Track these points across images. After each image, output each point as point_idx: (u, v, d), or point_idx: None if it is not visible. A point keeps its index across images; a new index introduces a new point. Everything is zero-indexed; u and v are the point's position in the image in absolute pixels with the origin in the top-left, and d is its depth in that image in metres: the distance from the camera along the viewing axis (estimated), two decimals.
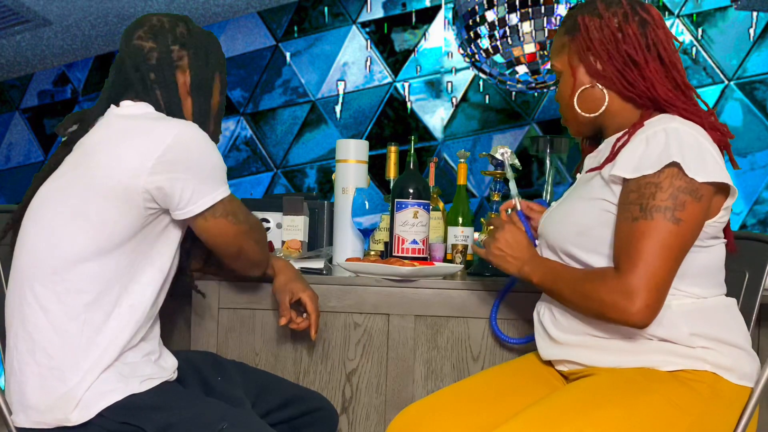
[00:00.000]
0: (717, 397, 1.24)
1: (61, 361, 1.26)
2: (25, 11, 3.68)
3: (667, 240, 1.20)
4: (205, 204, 1.34)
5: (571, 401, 1.24)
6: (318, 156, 3.97)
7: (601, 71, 1.36)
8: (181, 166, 1.30)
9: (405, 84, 3.87)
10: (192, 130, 1.34)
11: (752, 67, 3.44)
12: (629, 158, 1.27)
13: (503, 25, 2.38)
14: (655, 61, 1.33)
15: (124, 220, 1.29)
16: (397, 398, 1.76)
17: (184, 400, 1.33)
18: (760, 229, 3.37)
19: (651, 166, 1.23)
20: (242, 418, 1.33)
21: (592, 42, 1.35)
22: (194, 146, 1.32)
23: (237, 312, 1.77)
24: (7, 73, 4.46)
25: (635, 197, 1.23)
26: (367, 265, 1.74)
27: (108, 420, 1.26)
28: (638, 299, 1.19)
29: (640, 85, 1.33)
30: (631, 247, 1.21)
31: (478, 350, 1.77)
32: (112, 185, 1.28)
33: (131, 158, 1.28)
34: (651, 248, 1.20)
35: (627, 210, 1.24)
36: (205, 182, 1.34)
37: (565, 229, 1.36)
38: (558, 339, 1.38)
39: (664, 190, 1.21)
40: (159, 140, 1.28)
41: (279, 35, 4.05)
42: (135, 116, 1.38)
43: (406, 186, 1.88)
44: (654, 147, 1.25)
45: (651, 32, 1.33)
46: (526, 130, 3.72)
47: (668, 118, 1.31)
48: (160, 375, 1.34)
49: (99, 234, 1.28)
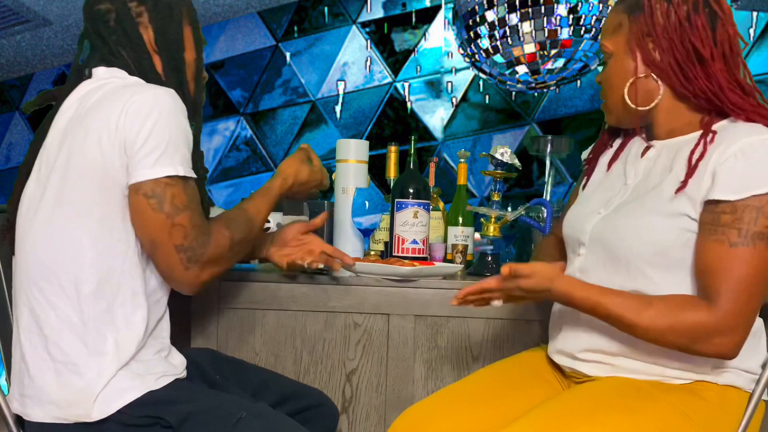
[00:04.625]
0: (725, 406, 1.23)
1: (75, 355, 1.26)
2: (25, 11, 3.68)
3: (765, 269, 1.12)
4: (137, 176, 1.24)
5: (576, 406, 1.22)
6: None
7: (657, 61, 1.24)
8: (141, 133, 1.23)
9: (405, 84, 3.87)
10: (155, 96, 1.26)
11: (752, 67, 3.44)
12: (728, 177, 1.15)
13: (503, 25, 2.38)
14: (720, 59, 1.22)
15: (104, 201, 1.26)
16: (397, 398, 1.76)
17: (201, 393, 1.34)
18: None
19: (761, 185, 1.12)
20: (259, 409, 1.33)
21: (654, 27, 1.23)
22: (153, 114, 1.24)
23: (237, 312, 1.77)
24: (7, 73, 4.46)
25: (730, 220, 1.13)
26: (367, 265, 1.74)
27: (127, 415, 1.26)
28: (734, 336, 1.13)
29: (700, 83, 1.22)
30: (729, 275, 1.12)
31: (478, 350, 1.77)
32: (87, 165, 1.25)
33: (100, 134, 1.24)
34: (751, 279, 1.12)
35: (720, 233, 1.14)
36: (148, 155, 1.24)
37: (641, 248, 1.23)
38: (572, 353, 1.34)
39: (766, 214, 1.12)
40: (121, 111, 1.24)
41: (279, 35, 4.05)
42: (103, 87, 1.33)
43: (406, 186, 1.88)
44: (758, 163, 1.14)
45: (720, 28, 1.22)
46: (526, 130, 3.72)
47: (755, 128, 1.19)
48: (173, 372, 1.35)
49: (86, 219, 1.26)
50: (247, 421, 1.28)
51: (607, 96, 1.36)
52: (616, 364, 1.28)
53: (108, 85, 1.33)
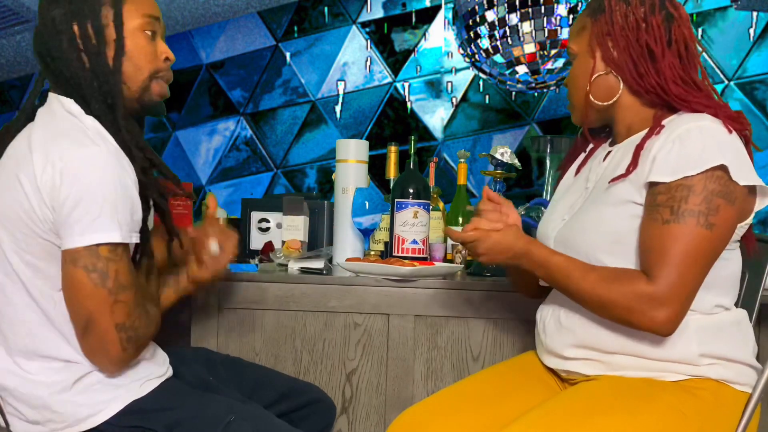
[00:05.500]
0: (720, 404, 1.23)
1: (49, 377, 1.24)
2: (25, 11, 3.68)
3: (699, 246, 1.17)
4: (71, 243, 1.16)
5: (573, 407, 1.23)
6: (318, 156, 3.97)
7: (615, 58, 1.31)
8: (71, 195, 1.15)
9: (405, 84, 3.87)
10: (89, 155, 1.17)
11: (752, 67, 3.44)
12: (665, 161, 1.21)
13: (503, 25, 2.38)
14: (674, 57, 1.29)
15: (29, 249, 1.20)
16: (397, 398, 1.76)
17: (188, 397, 1.33)
18: (760, 229, 3.37)
19: (693, 167, 1.18)
20: (249, 411, 1.32)
21: (613, 26, 1.31)
22: (87, 174, 1.16)
23: (237, 312, 1.77)
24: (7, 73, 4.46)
25: (664, 199, 1.19)
26: (367, 265, 1.74)
27: (113, 426, 1.25)
28: (668, 309, 1.17)
29: (650, 79, 1.29)
30: (663, 251, 1.17)
31: (478, 350, 1.77)
32: (13, 217, 1.20)
33: (26, 188, 1.18)
34: (683, 254, 1.16)
35: (656, 212, 1.20)
36: (81, 219, 1.15)
37: (599, 239, 1.29)
38: (560, 353, 1.35)
39: (698, 193, 1.17)
40: (52, 171, 1.16)
41: (279, 35, 4.05)
42: (48, 125, 1.25)
43: (406, 186, 1.88)
44: (691, 147, 1.20)
45: (676, 28, 1.29)
46: (526, 130, 3.72)
47: (695, 116, 1.25)
48: (157, 373, 1.34)
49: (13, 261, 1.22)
50: (237, 424, 1.27)
51: (572, 95, 1.43)
52: (605, 360, 1.29)
53: (50, 128, 1.24)
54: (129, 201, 1.20)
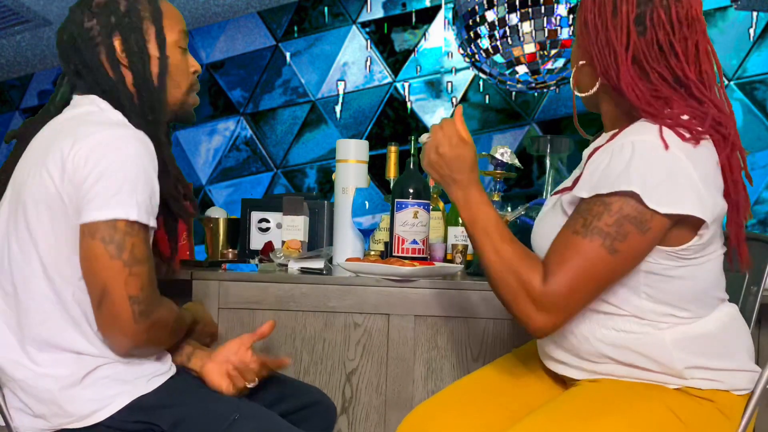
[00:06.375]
0: (718, 408, 1.22)
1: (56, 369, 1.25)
2: (25, 11, 3.68)
3: (596, 267, 1.13)
4: (89, 216, 1.19)
5: (572, 409, 1.22)
6: (318, 156, 3.97)
7: (589, 50, 1.24)
8: (94, 171, 1.19)
9: (405, 84, 3.87)
10: (116, 135, 1.22)
11: (752, 67, 3.44)
12: (591, 175, 1.17)
13: (503, 25, 2.38)
14: (645, 54, 1.19)
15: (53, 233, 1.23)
16: (397, 398, 1.76)
17: (194, 395, 1.33)
18: (760, 229, 3.37)
19: (606, 186, 1.13)
20: (254, 410, 1.33)
21: (586, 12, 1.24)
22: (111, 152, 1.20)
23: (237, 312, 1.77)
24: (7, 73, 4.46)
25: (583, 209, 1.16)
26: (367, 265, 1.74)
27: (118, 421, 1.25)
28: (547, 316, 1.14)
29: (611, 78, 1.20)
30: (563, 259, 1.14)
31: (478, 350, 1.77)
32: (41, 200, 1.22)
33: (52, 169, 1.21)
34: (580, 270, 1.13)
35: (573, 219, 1.17)
36: (101, 194, 1.18)
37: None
38: (556, 357, 1.33)
39: (612, 213, 1.12)
40: (79, 148, 1.20)
41: (279, 35, 4.05)
42: (76, 117, 1.30)
43: (406, 186, 1.88)
44: (615, 165, 1.14)
45: (654, 21, 1.19)
46: (526, 130, 3.72)
47: (643, 128, 1.17)
48: (163, 371, 1.34)
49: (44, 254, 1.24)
50: (241, 422, 1.28)
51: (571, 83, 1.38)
52: (598, 371, 1.26)
53: (78, 118, 1.29)
54: (150, 185, 1.23)
